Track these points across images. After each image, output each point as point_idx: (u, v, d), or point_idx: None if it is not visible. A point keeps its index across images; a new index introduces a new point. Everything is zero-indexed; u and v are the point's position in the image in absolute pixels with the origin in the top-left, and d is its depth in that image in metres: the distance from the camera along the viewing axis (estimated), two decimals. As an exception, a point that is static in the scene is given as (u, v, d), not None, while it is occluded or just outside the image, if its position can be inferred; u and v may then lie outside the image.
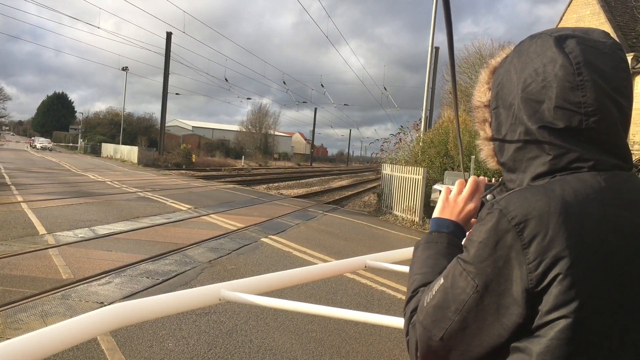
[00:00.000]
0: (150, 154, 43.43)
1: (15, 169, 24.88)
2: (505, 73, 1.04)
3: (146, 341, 4.56)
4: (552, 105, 0.93)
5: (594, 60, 0.93)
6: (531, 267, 0.83)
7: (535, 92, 0.96)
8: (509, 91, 1.01)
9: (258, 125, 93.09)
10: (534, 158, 0.96)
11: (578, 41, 0.95)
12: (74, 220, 10.54)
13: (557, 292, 0.82)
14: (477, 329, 0.88)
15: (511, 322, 0.85)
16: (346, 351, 4.73)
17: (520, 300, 0.84)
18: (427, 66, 19.15)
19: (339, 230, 12.47)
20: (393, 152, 18.71)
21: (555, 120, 0.93)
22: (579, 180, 0.90)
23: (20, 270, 6.49)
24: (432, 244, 1.13)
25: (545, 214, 0.85)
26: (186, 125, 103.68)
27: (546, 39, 0.98)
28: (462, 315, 0.89)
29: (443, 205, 1.19)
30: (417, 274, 1.08)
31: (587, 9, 21.70)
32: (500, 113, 1.04)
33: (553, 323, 0.82)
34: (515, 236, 0.85)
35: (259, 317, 5.37)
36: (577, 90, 0.91)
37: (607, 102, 0.91)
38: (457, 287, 0.91)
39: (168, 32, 40.81)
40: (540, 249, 0.83)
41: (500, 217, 0.88)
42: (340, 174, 56.48)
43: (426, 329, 0.93)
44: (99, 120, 75.58)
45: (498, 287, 0.86)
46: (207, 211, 13.62)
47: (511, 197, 0.91)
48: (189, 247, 8.68)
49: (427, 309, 0.94)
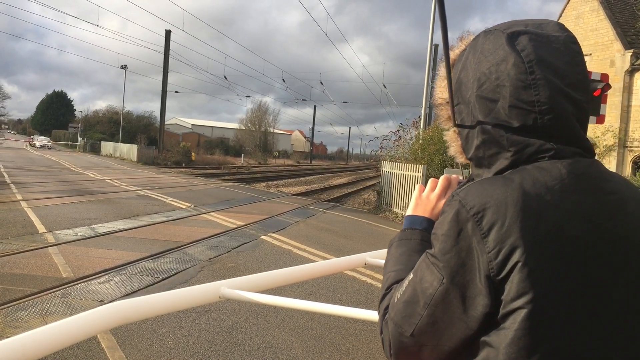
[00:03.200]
0: (150, 152, 43.41)
1: (15, 168, 24.86)
2: (462, 69, 1.04)
3: (146, 339, 4.57)
4: (507, 104, 0.93)
5: (547, 56, 0.93)
6: (491, 255, 0.83)
7: (489, 90, 0.95)
8: (467, 88, 1.02)
9: (257, 123, 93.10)
10: (495, 154, 0.97)
11: (530, 37, 0.94)
12: (73, 218, 10.54)
13: (518, 280, 0.81)
14: (446, 323, 0.88)
15: (478, 313, 0.85)
16: (346, 348, 4.74)
17: (484, 290, 0.84)
18: (427, 63, 19.13)
19: (338, 228, 12.48)
20: (392, 150, 18.72)
21: (510, 119, 0.93)
22: (539, 169, 0.90)
23: (20, 268, 6.49)
24: (405, 240, 1.12)
25: (503, 202, 0.85)
26: (186, 123, 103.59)
27: (499, 36, 0.97)
28: (431, 309, 0.89)
29: (416, 202, 1.18)
30: (390, 272, 1.07)
31: (586, 6, 21.68)
32: (462, 109, 1.04)
33: (516, 312, 0.82)
34: (474, 225, 0.85)
35: (259, 315, 5.38)
36: (530, 89, 0.91)
37: (560, 100, 0.91)
38: (425, 281, 0.90)
39: (167, 30, 40.81)
40: (499, 237, 0.83)
41: (460, 207, 0.88)
42: (340, 172, 56.48)
43: (397, 326, 0.93)
44: (98, 119, 75.50)
45: (463, 278, 0.86)
46: (207, 209, 13.62)
47: (470, 188, 0.91)
48: (189, 245, 8.68)
49: (398, 305, 0.94)
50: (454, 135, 1.10)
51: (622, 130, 20.34)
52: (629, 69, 19.98)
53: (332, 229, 12.14)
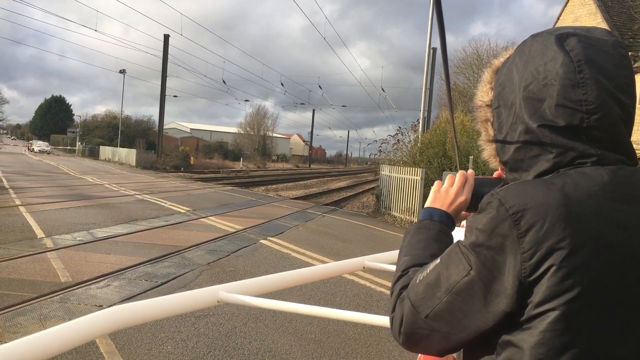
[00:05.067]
0: (149, 156, 43.39)
1: (14, 172, 24.84)
2: (507, 72, 1.04)
3: (145, 344, 4.56)
4: (553, 103, 0.93)
5: (596, 58, 0.92)
6: (525, 256, 0.84)
7: (536, 90, 0.95)
8: (511, 90, 1.01)
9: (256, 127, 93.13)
10: (537, 156, 0.96)
11: (579, 39, 0.95)
12: (72, 223, 10.53)
13: (550, 284, 0.82)
14: (463, 313, 0.89)
15: (499, 310, 0.86)
16: (345, 352, 4.73)
17: (510, 289, 0.85)
18: (425, 67, 19.17)
19: (337, 232, 12.47)
20: (391, 153, 18.73)
21: (556, 118, 0.93)
22: (581, 174, 0.90)
23: (19, 273, 6.48)
24: (424, 229, 1.14)
25: (543, 205, 0.85)
26: (184, 127, 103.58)
27: (547, 38, 0.98)
28: (452, 296, 0.90)
29: (435, 196, 1.20)
30: (407, 255, 1.09)
31: (584, 9, 21.75)
32: (502, 112, 1.04)
33: (545, 315, 0.82)
34: (511, 225, 0.86)
35: (258, 319, 5.37)
36: (578, 88, 0.91)
37: (608, 100, 0.91)
38: (451, 268, 0.91)
39: (165, 34, 40.88)
40: (536, 239, 0.83)
41: (499, 206, 0.88)
42: (339, 175, 56.44)
43: (414, 305, 0.94)
44: (97, 123, 75.57)
45: (490, 274, 0.87)
46: (206, 213, 13.61)
47: (510, 188, 0.91)
48: (188, 250, 8.67)
49: (418, 286, 0.95)
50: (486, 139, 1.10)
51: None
52: (627, 71, 20.02)
53: (331, 233, 12.14)
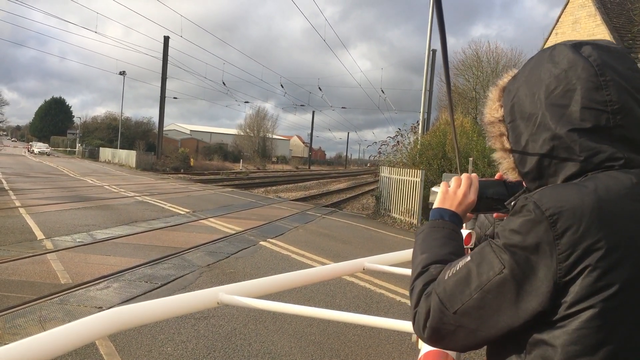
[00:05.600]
0: (148, 158, 43.39)
1: (13, 174, 24.82)
2: (520, 87, 1.07)
3: (145, 345, 4.55)
4: (579, 106, 0.96)
5: (611, 62, 0.97)
6: (561, 257, 0.86)
7: (560, 97, 0.98)
8: (529, 102, 1.03)
9: (256, 128, 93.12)
10: (564, 161, 0.98)
11: (593, 47, 0.99)
12: (72, 224, 10.52)
13: (585, 284, 0.84)
14: (493, 310, 0.91)
15: (530, 309, 0.88)
16: (345, 354, 4.73)
17: (544, 289, 0.87)
18: (425, 69, 19.18)
19: (337, 233, 12.47)
20: (391, 155, 18.73)
21: (583, 121, 0.95)
22: (611, 177, 0.92)
23: (19, 275, 6.48)
24: (438, 229, 1.16)
25: (579, 207, 0.87)
26: (184, 129, 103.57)
27: (561, 49, 1.02)
28: (482, 293, 0.91)
29: (443, 197, 1.22)
30: (424, 253, 1.11)
31: (583, 11, 21.77)
32: (518, 125, 1.06)
33: (579, 314, 0.85)
34: (548, 227, 0.87)
35: (258, 321, 5.37)
36: (602, 89, 0.95)
37: (630, 100, 0.95)
38: (484, 266, 0.93)
39: (165, 36, 40.92)
40: (572, 240, 0.85)
41: (535, 208, 0.90)
42: (339, 177, 56.45)
43: (442, 300, 0.96)
44: (96, 125, 75.62)
45: (523, 273, 0.88)
46: (206, 215, 13.60)
47: (544, 191, 0.93)
48: (188, 251, 8.67)
49: (447, 282, 0.97)
50: (502, 152, 1.12)
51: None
52: (626, 73, 20.03)
53: (331, 234, 12.13)
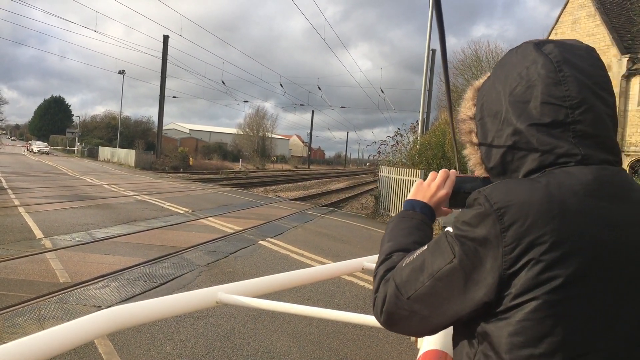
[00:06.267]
0: (148, 157, 43.36)
1: (12, 173, 24.81)
2: (489, 86, 1.11)
3: (144, 345, 4.55)
4: (539, 102, 0.98)
5: (572, 59, 1.00)
6: (507, 250, 0.88)
7: (521, 93, 1.01)
8: (495, 100, 1.07)
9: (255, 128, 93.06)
10: (524, 156, 1.01)
11: (555, 45, 1.02)
12: (71, 223, 10.52)
13: (529, 276, 0.86)
14: (443, 298, 0.94)
15: (476, 298, 0.91)
16: (344, 353, 4.73)
17: (490, 279, 0.89)
18: (424, 69, 19.19)
19: (336, 233, 12.47)
20: (390, 155, 18.74)
21: (542, 116, 0.98)
22: (566, 173, 0.94)
23: (17, 274, 6.48)
24: (407, 219, 1.20)
25: (527, 202, 0.89)
26: (183, 128, 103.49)
27: (526, 47, 1.05)
28: (433, 281, 0.95)
29: (417, 189, 1.27)
30: (390, 241, 1.15)
31: (582, 11, 21.77)
32: (486, 122, 1.10)
33: (523, 305, 0.86)
34: (495, 220, 0.90)
35: (257, 320, 5.37)
36: (560, 85, 0.97)
37: (590, 95, 0.96)
38: (436, 255, 0.97)
39: (165, 35, 40.90)
40: (518, 234, 0.88)
41: (485, 201, 0.93)
42: (338, 177, 56.43)
43: (398, 286, 1.00)
44: (96, 124, 75.53)
45: (471, 263, 0.92)
46: (205, 214, 13.60)
47: (497, 185, 0.96)
48: (187, 250, 8.67)
49: (404, 269, 1.01)
50: (471, 148, 1.16)
51: (618, 135, 20.40)
52: (626, 74, 20.05)
53: (330, 234, 12.13)
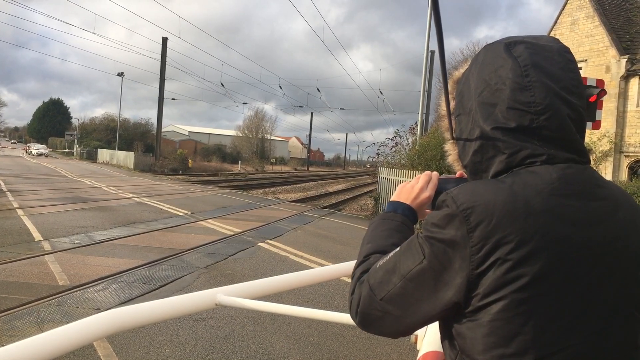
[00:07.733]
0: (147, 159, 43.36)
1: (11, 175, 24.79)
2: (465, 82, 1.12)
3: (143, 347, 4.54)
4: (505, 106, 0.98)
5: (542, 62, 0.99)
6: (474, 250, 0.89)
7: (489, 95, 1.02)
8: (468, 98, 1.08)
9: (255, 129, 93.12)
10: (492, 158, 1.02)
11: (526, 46, 1.01)
12: (70, 226, 10.51)
13: (496, 276, 0.87)
14: (415, 299, 0.96)
15: (445, 298, 0.92)
16: (344, 355, 4.72)
17: (459, 280, 0.90)
18: (423, 70, 19.21)
19: (335, 234, 12.47)
20: (389, 156, 18.74)
21: (508, 120, 0.98)
22: (531, 172, 0.95)
23: (16, 276, 6.47)
24: (387, 221, 1.20)
25: (492, 202, 0.90)
26: (182, 130, 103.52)
27: (497, 46, 1.04)
28: (405, 282, 0.96)
29: (400, 191, 1.27)
30: (369, 243, 1.16)
31: (581, 12, 21.82)
32: (462, 120, 1.10)
33: (491, 305, 0.87)
34: (462, 220, 0.91)
35: (256, 322, 5.36)
36: (526, 90, 0.97)
37: (556, 101, 0.96)
38: (407, 257, 0.98)
39: (164, 37, 40.92)
40: (484, 234, 0.88)
41: (452, 203, 0.94)
42: (337, 178, 56.44)
43: (372, 288, 1.01)
44: (94, 126, 75.52)
45: (440, 264, 0.93)
46: (204, 216, 13.60)
47: (464, 186, 0.97)
48: (186, 253, 8.66)
49: (378, 271, 1.03)
50: (451, 144, 1.18)
51: (618, 136, 20.40)
52: (624, 74, 20.07)
53: (329, 236, 12.13)
